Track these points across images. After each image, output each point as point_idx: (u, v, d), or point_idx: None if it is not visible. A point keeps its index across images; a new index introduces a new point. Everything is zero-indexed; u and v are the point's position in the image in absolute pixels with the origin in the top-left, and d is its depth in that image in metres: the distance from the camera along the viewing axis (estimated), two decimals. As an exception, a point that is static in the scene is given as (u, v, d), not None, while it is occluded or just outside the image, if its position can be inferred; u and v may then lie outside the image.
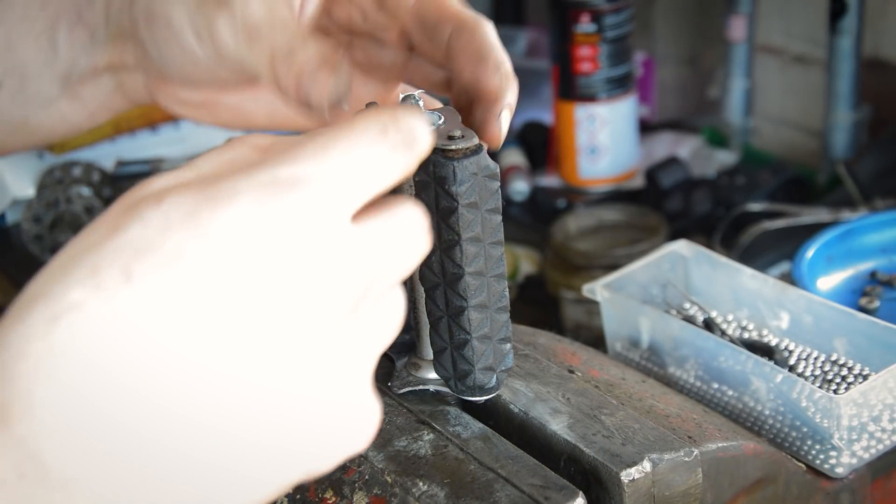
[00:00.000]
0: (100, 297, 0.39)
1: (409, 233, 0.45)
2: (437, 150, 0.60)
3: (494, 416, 0.71)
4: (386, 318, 0.46)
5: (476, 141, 0.61)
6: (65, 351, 0.38)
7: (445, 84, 0.66)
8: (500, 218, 0.63)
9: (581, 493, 0.62)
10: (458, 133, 0.61)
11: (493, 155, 0.63)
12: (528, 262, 1.40)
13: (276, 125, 0.70)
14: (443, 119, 0.63)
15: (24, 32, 0.65)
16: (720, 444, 0.71)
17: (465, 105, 0.63)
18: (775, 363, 0.86)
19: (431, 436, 0.67)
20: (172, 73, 0.65)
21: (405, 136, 0.45)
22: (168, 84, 0.67)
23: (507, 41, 1.89)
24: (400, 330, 0.47)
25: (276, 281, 0.42)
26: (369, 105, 0.63)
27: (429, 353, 0.69)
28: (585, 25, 1.45)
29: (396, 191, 0.64)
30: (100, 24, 0.65)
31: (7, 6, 0.66)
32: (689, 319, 0.94)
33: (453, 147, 0.60)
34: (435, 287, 0.65)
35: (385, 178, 0.45)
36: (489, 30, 0.63)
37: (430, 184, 0.61)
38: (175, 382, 0.40)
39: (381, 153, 0.44)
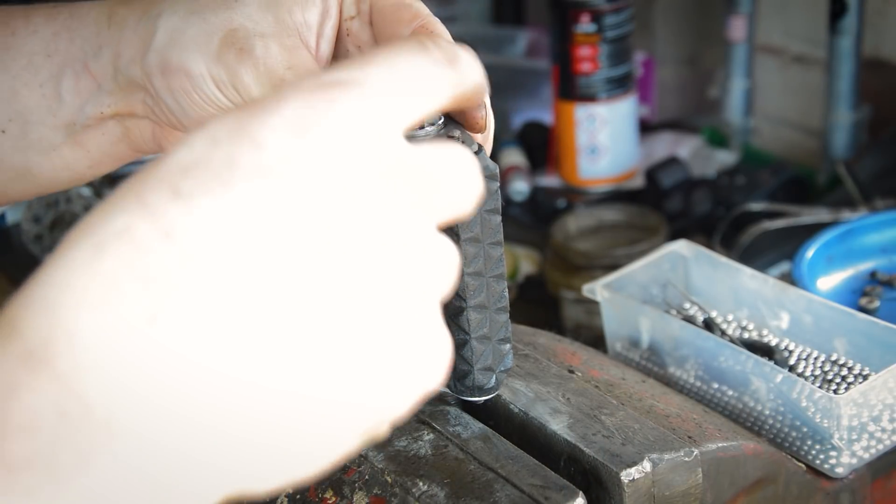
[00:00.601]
0: (147, 219, 0.37)
1: (463, 165, 0.43)
2: None
3: (494, 416, 0.71)
4: (444, 256, 0.42)
5: (476, 143, 0.61)
6: (112, 280, 0.36)
7: None
8: (499, 218, 0.63)
9: (581, 493, 0.62)
10: (457, 134, 0.61)
11: (493, 155, 0.64)
12: (528, 262, 1.40)
13: None
14: (442, 119, 0.63)
15: (28, 80, 0.65)
16: (720, 444, 0.71)
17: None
18: (775, 363, 0.86)
19: (431, 436, 0.67)
20: (190, 122, 0.64)
21: (446, 53, 0.43)
22: (178, 133, 0.67)
23: (507, 41, 1.90)
24: (457, 278, 0.43)
25: (332, 188, 0.39)
26: None
27: (429, 353, 0.69)
28: (585, 25, 1.45)
29: None
30: (107, 74, 0.65)
31: (12, 54, 0.65)
32: (689, 319, 0.94)
33: None
34: (435, 287, 0.65)
35: (432, 95, 0.43)
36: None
37: (430, 184, 0.61)
38: (236, 306, 0.37)
39: (423, 66, 0.42)
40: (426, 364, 0.41)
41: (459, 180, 0.42)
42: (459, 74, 0.44)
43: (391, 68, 0.42)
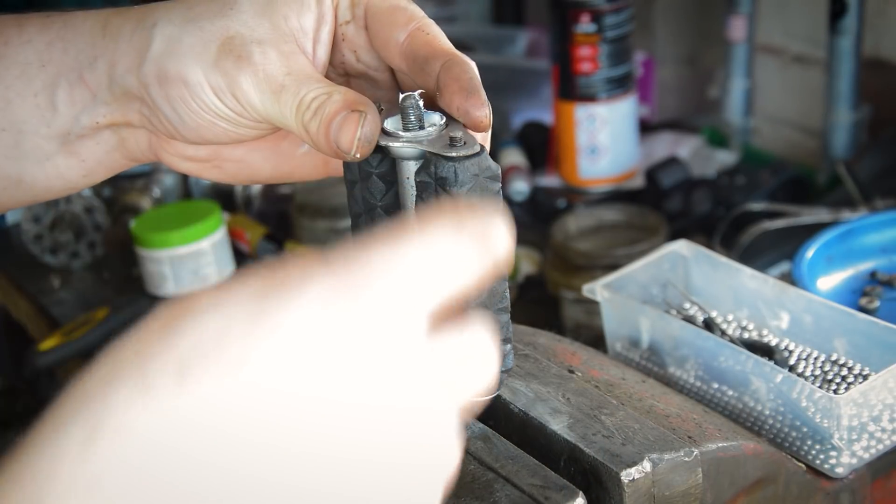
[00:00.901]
0: (149, 405, 0.35)
1: (482, 352, 0.42)
2: (438, 152, 0.61)
3: (494, 416, 0.71)
4: (453, 450, 0.41)
5: (478, 144, 0.61)
6: (104, 471, 0.34)
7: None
8: (500, 219, 0.63)
9: (581, 493, 0.62)
10: (459, 135, 0.61)
11: (493, 155, 0.64)
12: (528, 262, 1.40)
13: (281, 176, 0.70)
14: (444, 119, 0.63)
15: (21, 89, 0.64)
16: (720, 444, 0.71)
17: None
18: (775, 363, 0.86)
19: (431, 436, 0.67)
20: (187, 131, 0.64)
21: (481, 228, 0.42)
22: (175, 142, 0.66)
23: (507, 41, 1.90)
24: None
25: (352, 374, 0.37)
26: (380, 110, 0.63)
27: (429, 353, 0.69)
28: (585, 25, 1.45)
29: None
30: (102, 84, 0.64)
31: (5, 63, 0.65)
32: (689, 319, 0.95)
33: (455, 148, 0.60)
34: (435, 287, 0.65)
35: (461, 277, 0.41)
36: (474, 66, 0.64)
37: (432, 184, 0.61)
38: None
39: (457, 248, 0.41)
40: None
41: (478, 368, 0.41)
42: (490, 250, 0.42)
43: (425, 253, 0.40)
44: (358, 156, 0.60)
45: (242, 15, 0.62)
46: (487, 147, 0.64)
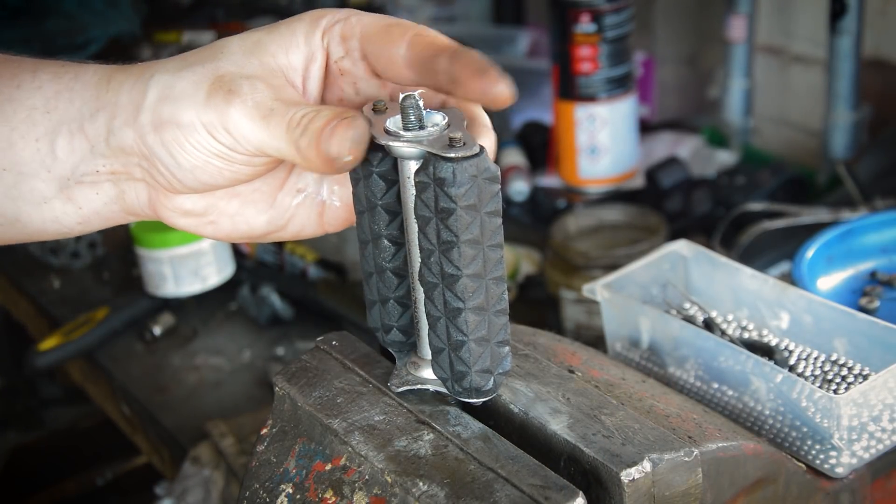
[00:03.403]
0: None
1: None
2: (437, 152, 0.61)
3: (494, 416, 0.71)
4: None
5: (477, 145, 0.61)
6: None
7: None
8: (500, 220, 0.63)
9: (581, 493, 0.62)
10: (458, 135, 0.61)
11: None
12: (528, 262, 1.40)
13: (277, 230, 0.71)
14: (446, 119, 0.63)
15: (25, 133, 0.66)
16: (720, 444, 0.71)
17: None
18: (775, 363, 0.86)
19: (431, 436, 0.67)
20: (184, 174, 0.65)
21: None
22: (172, 196, 0.68)
23: (507, 41, 1.90)
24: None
25: None
26: (376, 104, 0.64)
27: (429, 352, 0.69)
28: (585, 25, 1.45)
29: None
30: (100, 136, 0.66)
31: (14, 106, 0.67)
32: (689, 319, 0.94)
33: (454, 149, 0.60)
34: (433, 288, 0.65)
35: None
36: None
37: (430, 185, 0.61)
38: None
39: None
40: None
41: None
42: None
43: None
44: (349, 158, 0.60)
45: (232, 56, 0.64)
46: (494, 145, 0.64)
